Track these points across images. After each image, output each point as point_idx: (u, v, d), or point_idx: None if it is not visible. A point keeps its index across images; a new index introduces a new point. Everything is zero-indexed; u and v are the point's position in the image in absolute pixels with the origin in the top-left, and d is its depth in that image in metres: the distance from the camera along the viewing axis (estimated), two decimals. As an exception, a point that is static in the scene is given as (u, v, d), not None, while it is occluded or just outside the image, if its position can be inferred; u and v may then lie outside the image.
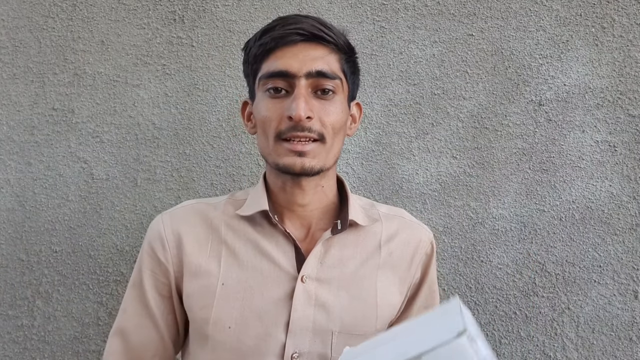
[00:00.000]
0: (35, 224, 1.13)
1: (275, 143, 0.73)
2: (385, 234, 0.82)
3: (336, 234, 0.77)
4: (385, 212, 0.86)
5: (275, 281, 0.75)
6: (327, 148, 0.74)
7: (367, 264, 0.79)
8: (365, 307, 0.77)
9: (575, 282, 1.10)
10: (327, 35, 0.74)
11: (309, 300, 0.74)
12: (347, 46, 0.78)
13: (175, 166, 1.14)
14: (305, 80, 0.72)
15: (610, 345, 1.09)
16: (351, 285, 0.77)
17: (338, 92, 0.75)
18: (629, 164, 1.10)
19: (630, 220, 1.10)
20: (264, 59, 0.74)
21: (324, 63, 0.73)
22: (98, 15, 1.14)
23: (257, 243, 0.77)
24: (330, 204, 0.81)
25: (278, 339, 0.72)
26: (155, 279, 0.79)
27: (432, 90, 1.13)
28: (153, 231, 0.80)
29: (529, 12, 1.12)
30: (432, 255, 0.86)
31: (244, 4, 1.14)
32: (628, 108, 1.10)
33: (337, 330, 0.74)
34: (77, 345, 1.13)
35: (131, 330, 0.80)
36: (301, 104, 0.70)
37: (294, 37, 0.73)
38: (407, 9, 1.13)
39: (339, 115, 0.75)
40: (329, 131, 0.74)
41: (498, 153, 1.12)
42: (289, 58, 0.72)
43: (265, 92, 0.74)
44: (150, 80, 1.14)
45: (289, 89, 0.73)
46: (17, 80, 1.14)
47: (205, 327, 0.74)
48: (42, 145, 1.14)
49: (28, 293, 1.13)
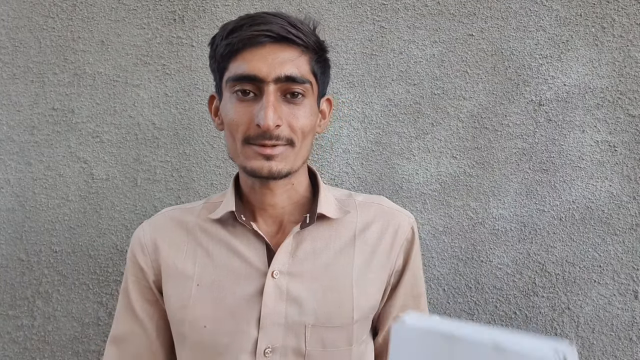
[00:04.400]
0: (35, 224, 1.13)
1: (243, 146, 0.73)
2: (361, 223, 0.82)
3: (304, 227, 0.77)
4: (362, 200, 0.85)
5: (246, 278, 0.75)
6: (295, 151, 0.74)
7: (341, 255, 0.79)
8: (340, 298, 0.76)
9: (575, 282, 1.10)
10: (296, 37, 0.72)
11: (280, 295, 0.74)
12: (317, 46, 0.76)
13: (175, 166, 1.14)
14: (273, 85, 0.71)
15: (610, 345, 1.09)
16: (324, 277, 0.77)
17: (307, 95, 0.74)
18: (629, 164, 1.10)
19: (630, 220, 1.10)
20: (231, 59, 0.73)
21: (293, 66, 0.72)
22: (98, 15, 1.14)
23: (229, 243, 0.78)
24: (301, 199, 0.81)
25: (250, 335, 0.73)
26: (139, 285, 0.81)
27: (432, 90, 1.13)
28: (135, 239, 0.83)
29: (529, 12, 1.12)
30: (414, 241, 0.84)
31: (244, 4, 1.14)
32: (628, 108, 1.10)
33: (311, 324, 0.74)
34: (77, 345, 1.13)
35: (124, 338, 0.82)
36: (270, 113, 0.69)
37: (262, 39, 0.71)
38: (407, 9, 1.13)
39: (308, 119, 0.74)
40: (298, 136, 0.73)
41: (498, 153, 1.12)
42: (257, 61, 0.71)
43: (232, 94, 0.73)
44: (150, 80, 1.14)
45: (257, 92, 0.72)
46: (17, 80, 1.14)
47: (182, 327, 0.75)
48: (42, 145, 1.14)
49: (28, 293, 1.13)
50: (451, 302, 1.12)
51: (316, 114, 0.78)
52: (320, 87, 0.79)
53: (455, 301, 1.12)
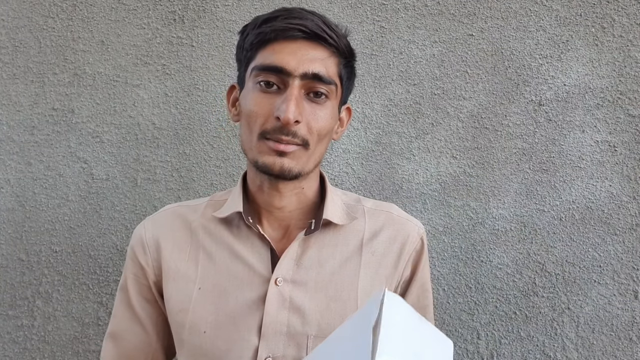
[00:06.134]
0: (35, 224, 1.13)
1: (259, 141, 0.71)
2: (369, 231, 0.79)
3: (309, 234, 0.75)
4: (371, 207, 0.82)
5: (249, 284, 0.73)
6: (308, 153, 0.72)
7: (347, 264, 0.77)
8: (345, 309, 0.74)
9: (575, 282, 1.10)
10: (329, 37, 0.71)
11: (282, 303, 0.72)
12: (347, 50, 0.75)
13: (175, 166, 1.14)
14: (299, 80, 0.69)
15: (610, 345, 1.09)
16: (329, 287, 0.74)
17: (331, 97, 0.73)
18: (629, 164, 1.10)
19: (630, 220, 1.10)
20: (260, 48, 0.71)
21: (321, 65, 0.70)
22: (98, 15, 1.14)
23: (232, 246, 0.75)
24: (310, 203, 0.79)
25: (251, 343, 0.71)
26: (138, 283, 0.79)
27: (432, 90, 1.13)
28: (136, 236, 0.81)
29: (529, 12, 1.12)
30: (423, 251, 0.82)
31: (244, 4, 1.14)
32: (628, 108, 1.10)
33: (314, 334, 0.72)
34: (77, 345, 1.13)
35: (122, 334, 0.80)
36: (292, 106, 0.67)
37: (296, 33, 0.69)
38: (407, 9, 1.13)
39: (327, 121, 0.73)
40: (314, 137, 0.71)
41: (498, 153, 1.12)
42: (287, 54, 0.69)
43: (256, 84, 0.71)
44: (150, 80, 1.14)
45: (282, 85, 0.70)
46: (17, 80, 1.14)
47: (182, 331, 0.74)
48: (42, 145, 1.14)
49: (28, 293, 1.13)
50: (451, 302, 1.12)
51: (336, 119, 0.76)
52: (344, 92, 0.77)
53: (455, 301, 1.12)
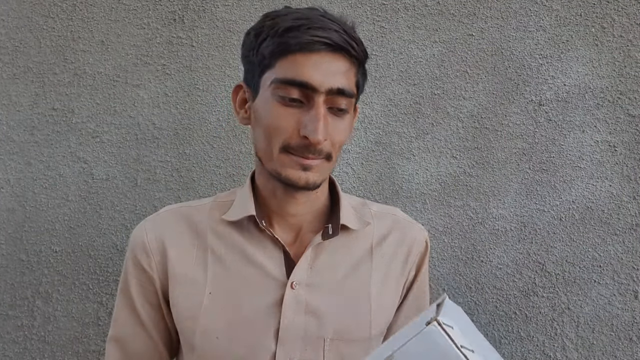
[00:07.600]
0: (35, 224, 1.14)
1: (281, 154, 0.69)
2: (377, 235, 0.80)
3: (327, 239, 0.74)
4: (377, 211, 0.83)
5: (263, 288, 0.72)
6: (330, 165, 0.72)
7: (359, 267, 0.77)
8: (358, 313, 0.74)
9: (575, 282, 1.10)
10: (351, 48, 0.69)
11: (299, 306, 0.71)
12: (364, 56, 0.73)
13: (175, 166, 1.14)
14: (325, 96, 0.67)
15: (610, 345, 1.09)
16: (343, 291, 0.74)
17: (350, 109, 0.72)
18: (629, 164, 1.10)
19: (630, 220, 1.10)
20: (280, 58, 0.68)
21: (344, 78, 0.68)
22: (98, 15, 1.14)
23: (243, 249, 0.74)
24: (321, 207, 0.79)
25: (268, 348, 0.70)
26: (142, 288, 0.77)
27: (432, 90, 1.13)
28: (136, 239, 0.78)
29: (529, 12, 1.12)
30: (426, 254, 0.83)
31: (244, 4, 1.14)
32: (628, 108, 1.10)
33: (330, 337, 0.72)
34: (77, 345, 1.13)
35: (126, 339, 0.79)
36: (321, 127, 0.66)
37: (321, 47, 0.67)
38: (407, 9, 1.13)
39: (347, 132, 0.72)
40: (336, 149, 0.71)
41: (498, 153, 1.12)
42: (310, 67, 0.67)
43: (275, 96, 0.69)
44: (150, 80, 1.14)
45: (304, 100, 0.68)
46: (17, 80, 1.14)
47: (192, 337, 0.72)
48: (42, 145, 1.14)
49: (28, 293, 1.13)
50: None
51: (352, 127, 0.76)
52: (358, 98, 0.76)
53: (455, 301, 1.12)
